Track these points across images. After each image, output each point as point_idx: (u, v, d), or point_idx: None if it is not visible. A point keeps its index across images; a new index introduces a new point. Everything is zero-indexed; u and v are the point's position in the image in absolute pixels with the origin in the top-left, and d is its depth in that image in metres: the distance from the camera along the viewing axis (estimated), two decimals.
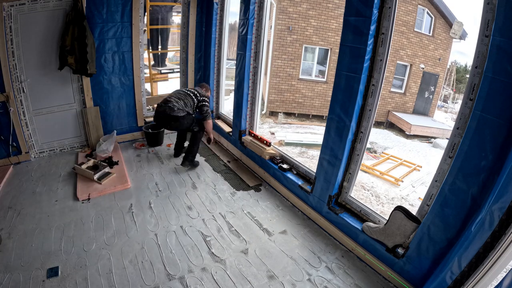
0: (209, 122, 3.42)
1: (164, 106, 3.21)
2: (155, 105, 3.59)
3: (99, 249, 2.20)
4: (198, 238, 2.39)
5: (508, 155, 1.39)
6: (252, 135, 3.52)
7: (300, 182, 2.81)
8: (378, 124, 11.56)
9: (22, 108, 3.25)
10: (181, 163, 3.42)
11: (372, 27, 1.94)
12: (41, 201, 2.72)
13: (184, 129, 3.45)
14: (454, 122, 1.70)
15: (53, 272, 1.96)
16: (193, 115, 3.38)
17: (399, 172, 6.90)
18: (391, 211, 2.01)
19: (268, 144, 3.27)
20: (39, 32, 3.13)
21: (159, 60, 6.00)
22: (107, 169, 3.19)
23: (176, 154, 3.72)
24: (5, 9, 2.84)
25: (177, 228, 2.49)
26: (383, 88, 2.86)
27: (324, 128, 2.48)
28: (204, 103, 3.41)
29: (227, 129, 4.02)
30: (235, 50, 10.37)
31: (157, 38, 5.74)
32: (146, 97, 4.17)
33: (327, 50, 10.76)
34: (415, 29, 10.71)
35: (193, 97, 3.38)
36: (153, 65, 5.96)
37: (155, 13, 5.44)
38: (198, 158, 3.73)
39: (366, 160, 7.68)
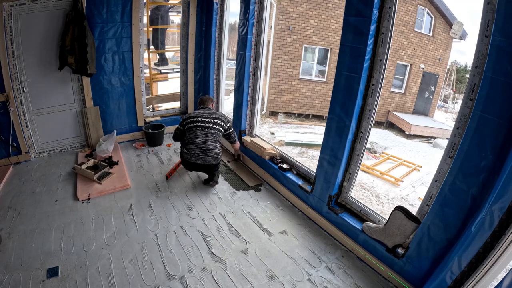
0: (238, 144, 3.28)
1: (207, 156, 2.88)
2: (184, 152, 2.98)
3: (99, 249, 2.20)
4: (198, 238, 2.39)
5: (508, 155, 1.39)
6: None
7: (300, 182, 2.81)
8: (378, 124, 11.56)
9: (22, 108, 3.25)
10: (204, 182, 3.17)
11: (372, 27, 1.94)
12: (41, 201, 2.71)
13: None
14: (454, 122, 1.70)
15: (53, 272, 1.96)
16: None
17: (399, 172, 6.90)
18: (391, 211, 2.01)
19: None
20: (39, 32, 3.13)
21: (161, 59, 6.01)
22: (107, 169, 3.20)
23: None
24: (5, 9, 2.84)
25: (177, 228, 2.49)
26: (383, 88, 2.86)
27: (324, 128, 2.48)
28: (231, 129, 3.12)
29: None
30: (235, 50, 10.37)
31: (163, 37, 5.74)
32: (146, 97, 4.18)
33: (327, 50, 10.77)
34: (415, 29, 10.71)
35: (221, 128, 3.03)
36: (156, 64, 5.97)
37: (155, 13, 5.44)
38: None
39: (366, 160, 7.68)
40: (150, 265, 2.09)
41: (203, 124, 2.95)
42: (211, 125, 2.96)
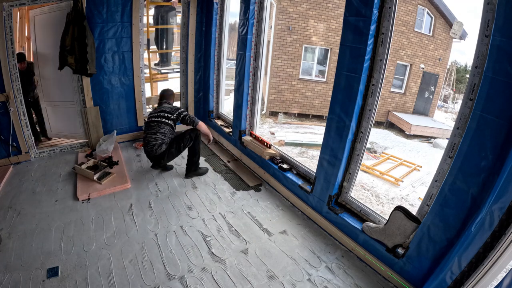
0: (201, 125, 3.14)
1: (147, 147, 3.09)
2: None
3: (99, 249, 2.20)
4: (198, 238, 2.39)
5: (508, 155, 1.39)
6: (253, 136, 3.52)
7: (300, 182, 2.81)
8: (378, 124, 11.56)
9: (22, 108, 3.25)
10: (185, 176, 3.27)
11: (372, 27, 1.94)
12: (41, 201, 2.71)
13: (177, 151, 3.15)
14: (454, 122, 1.70)
15: (53, 272, 1.96)
16: (176, 134, 3.18)
17: (399, 172, 6.91)
18: (391, 211, 2.01)
19: (269, 146, 3.26)
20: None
21: (164, 59, 5.99)
22: (107, 169, 3.19)
23: (154, 166, 3.39)
24: (5, 9, 2.84)
25: (177, 228, 2.49)
26: (383, 88, 2.87)
27: (324, 128, 2.48)
28: (181, 114, 3.13)
29: (227, 129, 4.02)
30: (235, 50, 10.38)
31: (162, 37, 5.73)
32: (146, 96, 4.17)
33: (327, 50, 10.77)
34: (415, 29, 10.72)
35: (167, 120, 3.09)
36: (156, 64, 5.96)
37: (158, 13, 5.44)
38: None
39: (366, 160, 7.69)
40: (150, 265, 2.09)
41: (148, 121, 3.17)
42: (153, 119, 3.13)
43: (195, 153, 3.19)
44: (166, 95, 3.37)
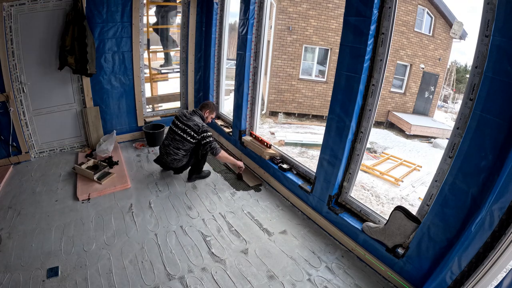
0: (221, 156, 3.00)
1: (166, 158, 3.04)
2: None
3: (99, 249, 2.20)
4: (198, 238, 2.39)
5: (508, 155, 1.39)
6: (253, 136, 3.52)
7: (300, 182, 2.81)
8: (378, 124, 11.57)
9: (22, 108, 3.25)
10: (188, 179, 3.23)
11: (372, 27, 1.94)
12: (41, 201, 2.71)
13: (195, 160, 3.15)
14: (454, 122, 1.70)
15: (53, 272, 1.96)
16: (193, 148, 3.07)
17: (399, 172, 6.91)
18: (391, 211, 2.01)
19: (269, 146, 3.26)
20: (39, 32, 3.13)
21: (168, 59, 5.99)
22: (107, 169, 3.19)
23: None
24: (5, 9, 2.84)
25: (177, 228, 2.49)
26: (383, 88, 2.87)
27: (324, 128, 2.48)
28: (204, 140, 2.94)
29: (227, 129, 4.02)
30: (235, 50, 10.38)
31: (163, 38, 5.72)
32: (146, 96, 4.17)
33: (327, 50, 10.77)
34: (415, 29, 10.73)
35: (192, 139, 2.94)
36: (162, 65, 5.95)
37: (159, 12, 5.43)
38: None
39: (366, 160, 7.69)
40: (150, 265, 2.09)
41: (174, 128, 3.02)
42: (179, 131, 2.97)
43: (203, 159, 3.16)
44: (204, 105, 3.17)
